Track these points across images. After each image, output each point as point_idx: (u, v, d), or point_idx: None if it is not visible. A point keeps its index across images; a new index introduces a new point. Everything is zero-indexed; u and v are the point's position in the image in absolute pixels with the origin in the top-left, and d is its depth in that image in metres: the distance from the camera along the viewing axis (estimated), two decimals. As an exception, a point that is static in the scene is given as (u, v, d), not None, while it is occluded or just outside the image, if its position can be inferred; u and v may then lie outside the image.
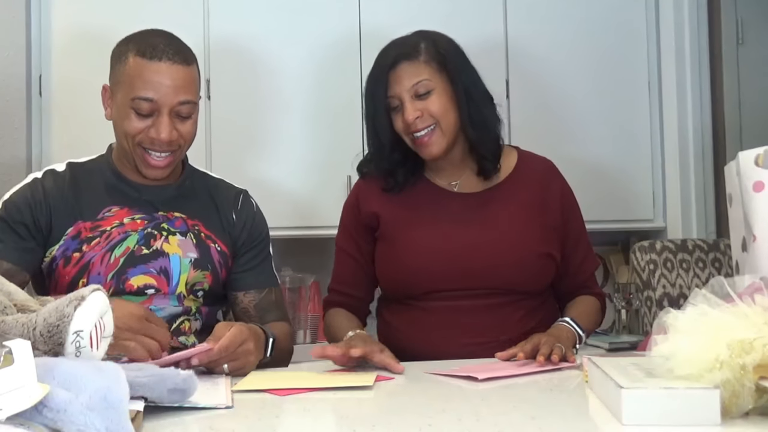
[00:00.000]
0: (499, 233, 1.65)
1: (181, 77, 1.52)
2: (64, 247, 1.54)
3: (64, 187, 1.58)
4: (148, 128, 1.52)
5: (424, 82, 1.62)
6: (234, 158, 2.60)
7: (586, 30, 2.81)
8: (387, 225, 1.71)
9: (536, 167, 1.76)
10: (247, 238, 1.68)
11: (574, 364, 1.41)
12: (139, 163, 1.57)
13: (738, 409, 0.93)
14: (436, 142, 1.64)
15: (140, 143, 1.54)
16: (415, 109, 1.62)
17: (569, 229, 1.73)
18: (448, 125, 1.64)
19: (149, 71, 1.50)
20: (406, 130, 1.65)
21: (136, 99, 1.50)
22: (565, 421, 1.04)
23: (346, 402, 1.17)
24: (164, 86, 1.50)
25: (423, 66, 1.63)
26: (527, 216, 1.68)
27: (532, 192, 1.71)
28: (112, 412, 0.80)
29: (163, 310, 1.55)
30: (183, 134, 1.56)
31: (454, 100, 1.64)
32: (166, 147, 1.54)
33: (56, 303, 0.98)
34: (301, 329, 2.68)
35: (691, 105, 2.84)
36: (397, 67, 1.63)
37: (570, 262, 1.73)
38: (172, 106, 1.52)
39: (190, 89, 1.55)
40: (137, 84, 1.50)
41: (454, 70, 1.64)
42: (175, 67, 1.51)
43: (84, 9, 2.55)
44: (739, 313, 1.00)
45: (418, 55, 1.64)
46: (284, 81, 2.65)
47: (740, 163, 1.40)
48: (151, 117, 1.52)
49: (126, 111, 1.52)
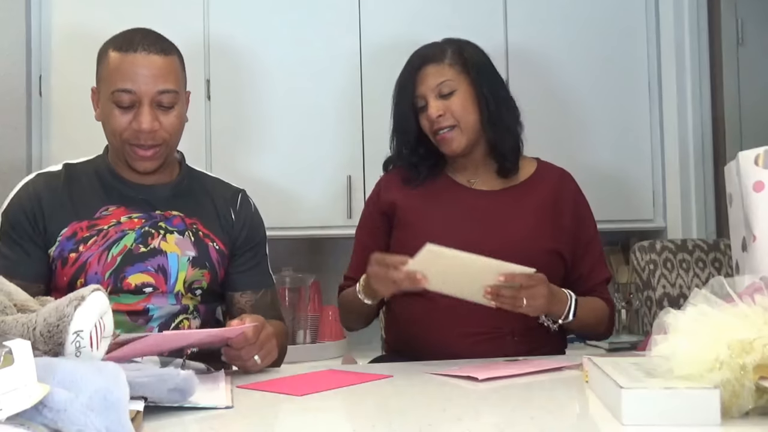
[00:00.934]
0: (509, 228, 1.71)
1: (158, 66, 1.52)
2: (60, 248, 1.54)
3: (58, 188, 1.58)
4: (131, 122, 1.52)
5: (447, 83, 1.72)
6: (234, 158, 2.60)
7: (586, 31, 2.81)
8: (404, 214, 1.77)
9: (553, 174, 1.83)
10: (245, 238, 1.68)
11: (574, 364, 1.41)
12: (129, 159, 1.57)
13: (738, 409, 0.93)
14: (456, 139, 1.73)
15: (127, 140, 1.54)
16: (439, 107, 1.72)
17: (580, 233, 1.77)
18: (468, 125, 1.73)
19: (126, 63, 1.51)
20: (430, 128, 1.75)
21: (116, 92, 1.51)
22: (565, 421, 1.04)
23: (346, 402, 1.17)
24: (142, 76, 1.50)
25: (447, 68, 1.74)
26: (539, 214, 1.74)
27: (546, 194, 1.77)
28: (112, 412, 0.80)
29: (161, 308, 1.55)
30: (166, 126, 1.55)
31: (476, 102, 1.73)
32: (150, 140, 1.54)
33: (56, 303, 0.98)
34: (301, 329, 2.67)
35: (691, 105, 2.84)
36: (423, 68, 1.75)
37: (579, 267, 1.75)
38: (151, 96, 1.52)
39: (170, 78, 1.54)
40: (116, 77, 1.51)
41: (476, 73, 1.74)
42: (151, 57, 1.52)
43: (84, 9, 2.55)
44: (739, 313, 1.00)
45: (443, 57, 1.75)
46: (284, 81, 2.64)
47: (740, 163, 1.40)
48: (132, 110, 1.52)
49: (109, 107, 1.53)
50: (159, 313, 1.54)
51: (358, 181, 2.61)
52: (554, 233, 1.72)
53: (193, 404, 1.06)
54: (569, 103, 2.77)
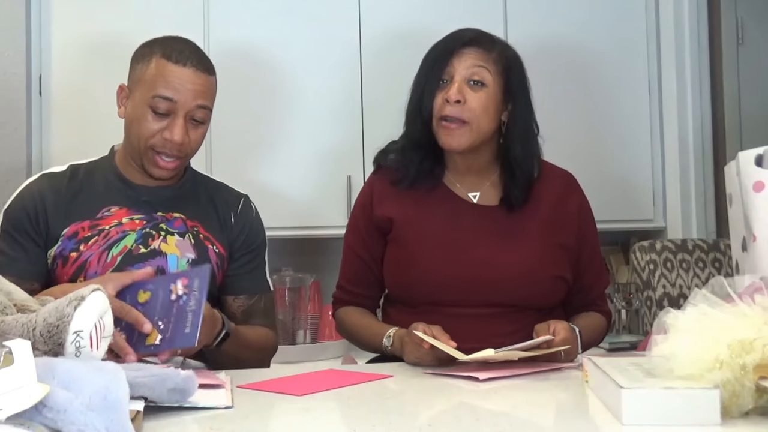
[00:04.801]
0: (513, 252, 1.63)
1: (201, 83, 1.56)
2: (61, 248, 1.54)
3: (62, 189, 1.59)
4: (163, 130, 1.54)
5: (484, 71, 1.62)
6: (234, 159, 2.60)
7: (586, 31, 2.80)
8: (400, 229, 1.69)
9: (556, 182, 1.74)
10: (243, 242, 1.69)
11: (573, 364, 1.41)
12: (147, 164, 1.58)
13: (738, 409, 0.93)
14: (461, 136, 1.62)
15: (153, 146, 1.55)
16: (461, 92, 1.61)
17: (584, 248, 1.71)
18: (480, 128, 1.62)
19: (173, 73, 1.53)
20: (440, 110, 1.63)
21: (156, 97, 1.53)
22: (565, 421, 1.04)
23: (346, 402, 1.17)
24: (185, 89, 1.53)
25: (491, 60, 1.64)
26: (543, 236, 1.66)
27: (550, 209, 1.69)
28: (112, 412, 0.80)
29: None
30: (192, 141, 1.58)
31: (498, 109, 1.64)
32: (176, 150, 1.56)
33: (56, 303, 0.98)
34: (301, 329, 2.67)
35: (691, 105, 2.83)
36: (467, 47, 1.64)
37: (582, 280, 1.71)
38: (189, 110, 1.55)
39: (208, 96, 1.59)
40: (159, 83, 1.53)
41: (513, 82, 1.65)
42: (198, 74, 1.55)
43: (84, 10, 2.54)
44: (739, 313, 1.00)
45: (492, 48, 1.65)
46: (284, 81, 2.64)
47: (740, 163, 1.40)
48: (166, 118, 1.54)
49: (143, 110, 1.54)
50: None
51: (358, 181, 2.61)
52: (558, 256, 1.66)
53: (193, 404, 1.06)
54: (569, 102, 2.77)
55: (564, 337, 1.44)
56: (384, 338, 1.57)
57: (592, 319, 1.71)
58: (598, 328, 1.72)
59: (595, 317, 1.72)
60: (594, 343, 1.71)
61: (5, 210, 1.59)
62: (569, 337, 1.46)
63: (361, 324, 1.71)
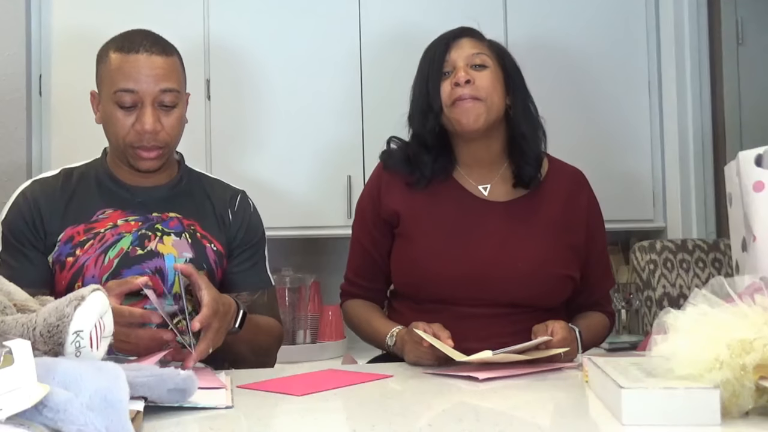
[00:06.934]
0: (521, 250, 1.62)
1: (159, 66, 1.53)
2: (58, 253, 1.54)
3: (55, 193, 1.58)
4: (134, 124, 1.53)
5: (482, 56, 1.66)
6: (234, 158, 2.60)
7: (585, 31, 2.81)
8: (407, 224, 1.68)
9: (565, 179, 1.74)
10: (242, 239, 1.68)
11: (573, 364, 1.41)
12: (132, 160, 1.57)
13: (738, 409, 0.93)
14: (477, 111, 1.62)
15: (131, 143, 1.54)
16: (468, 73, 1.63)
17: (591, 247, 1.71)
18: (493, 102, 1.64)
19: (128, 63, 1.52)
20: (450, 96, 1.63)
21: (118, 92, 1.51)
22: (565, 421, 1.04)
23: (346, 402, 1.17)
24: (144, 76, 1.51)
25: (486, 47, 1.69)
26: (551, 234, 1.65)
27: (559, 207, 1.69)
28: (112, 412, 0.80)
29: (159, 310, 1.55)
30: (167, 128, 1.55)
31: (504, 88, 1.67)
32: (153, 141, 1.54)
33: (56, 303, 0.98)
34: (301, 329, 2.67)
35: (691, 105, 2.84)
36: (461, 38, 1.69)
37: (587, 279, 1.71)
38: (154, 96, 1.52)
39: (171, 77, 1.55)
40: (117, 77, 1.52)
41: (509, 67, 1.70)
42: (153, 57, 1.53)
43: (84, 9, 2.54)
44: (739, 313, 1.00)
45: (482, 38, 1.71)
46: (284, 81, 2.64)
47: (740, 163, 1.40)
48: (135, 110, 1.53)
49: (111, 108, 1.53)
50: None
51: (358, 181, 2.61)
52: (567, 255, 1.65)
53: (193, 404, 1.06)
54: (569, 102, 2.77)
55: (562, 337, 1.44)
56: (387, 337, 1.59)
57: (594, 319, 1.71)
58: (600, 328, 1.72)
59: (597, 317, 1.72)
60: (595, 343, 1.72)
61: (2, 221, 1.58)
62: (568, 337, 1.47)
63: (366, 319, 1.71)
